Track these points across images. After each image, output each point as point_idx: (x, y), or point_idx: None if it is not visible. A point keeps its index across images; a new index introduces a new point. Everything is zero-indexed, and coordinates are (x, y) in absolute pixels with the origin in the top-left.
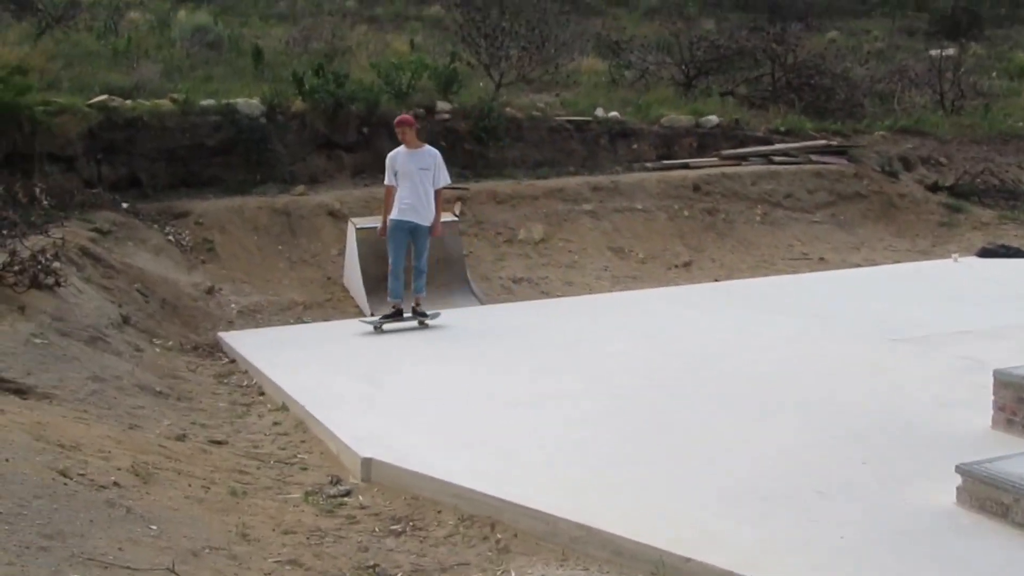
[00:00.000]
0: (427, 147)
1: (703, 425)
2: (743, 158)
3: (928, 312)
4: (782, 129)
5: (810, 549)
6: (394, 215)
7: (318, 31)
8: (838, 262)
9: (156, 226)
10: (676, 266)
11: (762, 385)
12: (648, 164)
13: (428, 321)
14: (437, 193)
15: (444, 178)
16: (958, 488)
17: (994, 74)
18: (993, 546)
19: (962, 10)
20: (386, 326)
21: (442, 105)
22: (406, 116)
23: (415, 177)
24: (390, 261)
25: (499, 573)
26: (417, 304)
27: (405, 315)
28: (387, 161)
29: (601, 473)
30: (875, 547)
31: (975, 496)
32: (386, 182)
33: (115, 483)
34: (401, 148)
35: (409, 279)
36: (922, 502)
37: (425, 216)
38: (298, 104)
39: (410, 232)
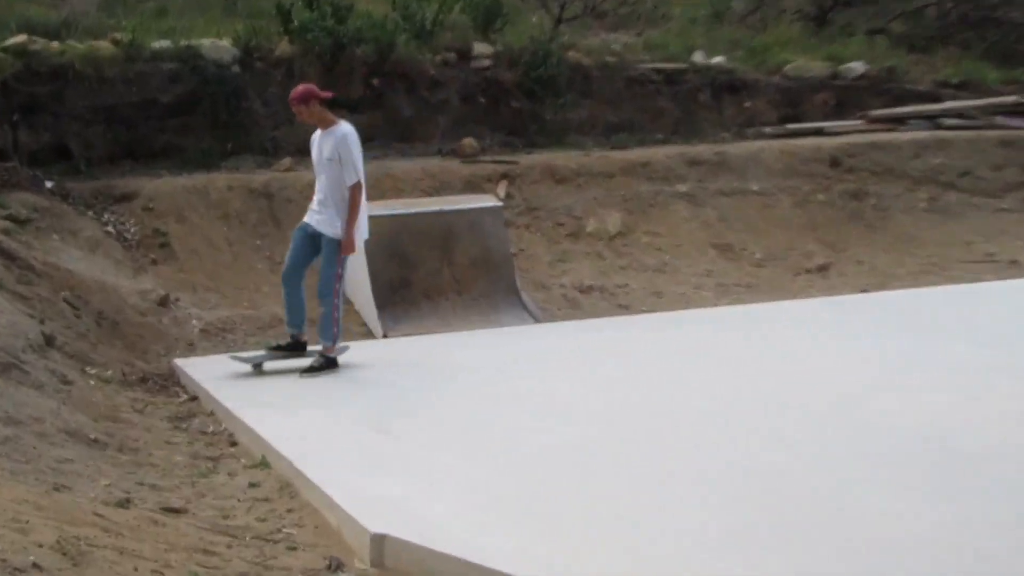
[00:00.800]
0: (341, 125)
1: (835, 494)
2: (900, 121)
3: None
4: (954, 81)
5: None
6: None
7: None
8: None
9: (91, 213)
10: (807, 271)
11: (923, 440)
12: (767, 129)
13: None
14: (351, 192)
15: (350, 172)
16: None
17: None
18: None
19: None
20: (268, 365)
21: (481, 48)
22: (300, 88)
23: (323, 169)
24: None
25: None
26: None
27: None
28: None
29: (700, 559)
30: None
31: None
32: (315, 173)
33: (35, 565)
34: (319, 130)
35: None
36: None
37: (329, 223)
38: (284, 47)
39: (312, 240)
